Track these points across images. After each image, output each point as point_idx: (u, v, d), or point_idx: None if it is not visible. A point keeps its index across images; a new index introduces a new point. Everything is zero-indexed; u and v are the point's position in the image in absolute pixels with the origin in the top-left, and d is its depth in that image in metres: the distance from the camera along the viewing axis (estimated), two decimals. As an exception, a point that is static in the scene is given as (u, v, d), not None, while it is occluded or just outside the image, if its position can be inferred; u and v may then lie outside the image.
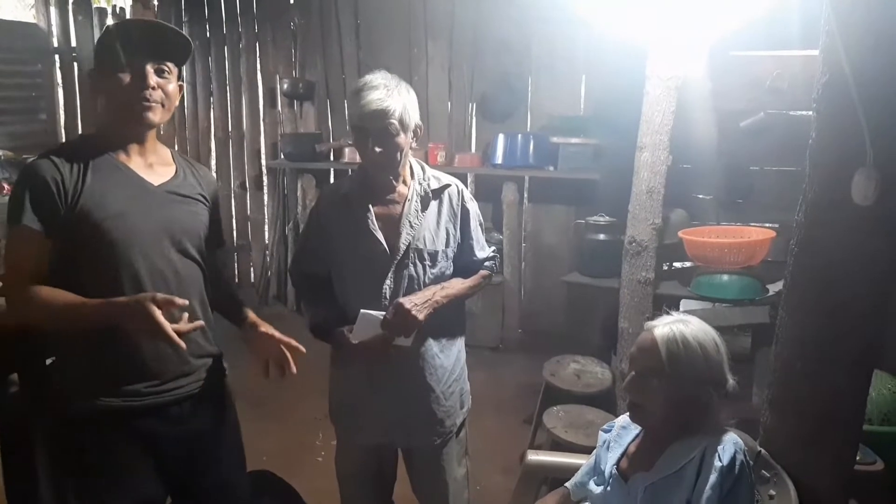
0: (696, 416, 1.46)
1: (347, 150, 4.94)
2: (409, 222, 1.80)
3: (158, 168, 1.60)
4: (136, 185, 1.53)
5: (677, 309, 2.81)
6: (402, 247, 1.79)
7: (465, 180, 4.24)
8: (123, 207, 1.49)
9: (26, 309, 1.46)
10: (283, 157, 5.20)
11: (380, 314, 1.73)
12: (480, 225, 1.96)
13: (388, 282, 1.79)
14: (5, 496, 2.03)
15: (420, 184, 1.85)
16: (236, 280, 5.67)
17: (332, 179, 5.22)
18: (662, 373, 1.43)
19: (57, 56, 5.18)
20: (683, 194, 3.49)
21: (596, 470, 1.68)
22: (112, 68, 1.47)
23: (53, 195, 1.43)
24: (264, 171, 5.51)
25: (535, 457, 2.10)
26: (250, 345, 1.71)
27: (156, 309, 1.33)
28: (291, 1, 5.16)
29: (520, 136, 4.49)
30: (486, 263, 1.95)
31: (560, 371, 3.13)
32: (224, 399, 1.76)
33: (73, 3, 5.10)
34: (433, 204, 1.85)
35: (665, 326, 1.47)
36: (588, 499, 1.68)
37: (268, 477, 2.29)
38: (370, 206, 1.81)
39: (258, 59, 5.36)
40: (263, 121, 5.46)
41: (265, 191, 5.52)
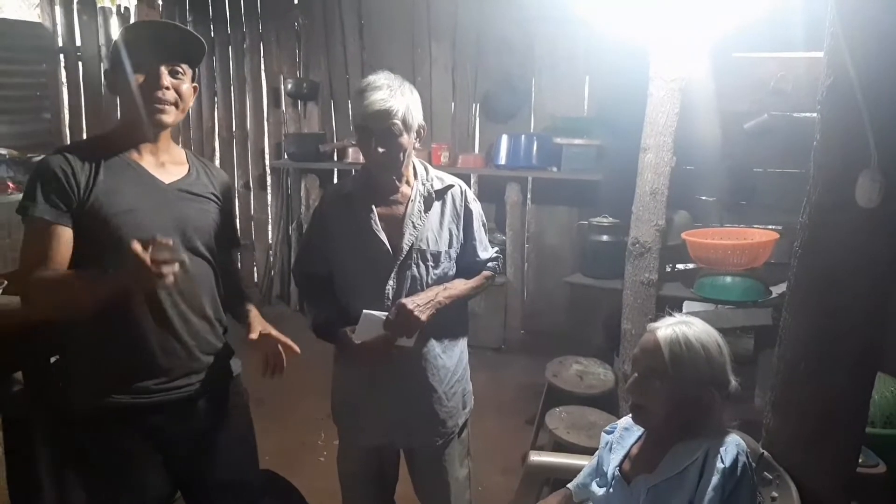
0: (699, 417, 1.46)
1: (351, 150, 4.94)
2: (413, 223, 1.80)
3: (171, 167, 1.61)
4: (148, 182, 1.54)
5: (680, 310, 2.82)
6: (405, 247, 1.79)
7: (468, 181, 4.23)
8: (134, 204, 1.50)
9: (42, 298, 1.44)
10: (286, 157, 5.21)
11: (382, 314, 1.73)
12: (483, 226, 1.96)
13: (390, 282, 1.79)
14: (9, 495, 2.03)
15: (423, 184, 1.85)
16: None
17: (335, 180, 5.23)
18: (665, 374, 1.43)
19: (61, 55, 5.21)
20: (687, 196, 3.48)
21: (598, 471, 1.68)
22: (126, 69, 1.48)
23: (65, 188, 1.44)
24: (268, 170, 5.52)
25: (537, 457, 2.10)
26: (249, 342, 1.71)
27: (137, 244, 1.27)
28: (295, 1, 5.17)
29: (523, 136, 4.49)
30: (490, 264, 1.95)
31: (562, 372, 3.13)
32: (234, 397, 1.76)
33: (77, 2, 5.12)
34: (436, 204, 1.85)
35: (668, 328, 1.47)
36: (590, 500, 1.68)
37: (270, 476, 2.29)
38: (373, 207, 1.81)
39: (262, 59, 5.37)
40: (267, 121, 5.47)
41: (269, 191, 5.54)
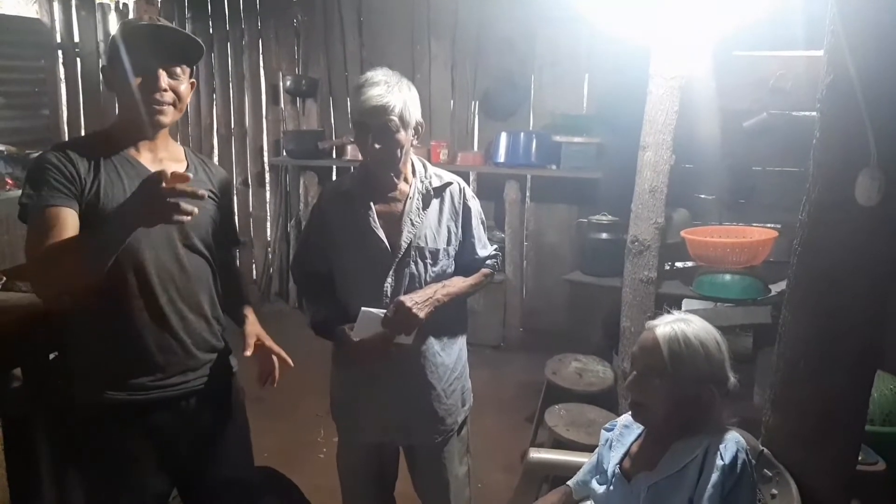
0: (699, 415, 1.46)
1: (350, 147, 4.94)
2: (411, 220, 1.80)
3: (169, 164, 1.60)
4: None
5: (679, 308, 2.82)
6: (404, 245, 1.79)
7: (467, 178, 4.24)
8: None
9: (53, 269, 1.37)
10: (285, 154, 5.20)
11: (381, 312, 1.73)
12: (482, 223, 1.95)
13: (389, 280, 1.79)
14: (8, 492, 2.03)
15: (422, 182, 1.85)
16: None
17: (334, 177, 5.21)
18: (664, 372, 1.43)
19: (60, 52, 5.19)
20: (686, 194, 3.49)
21: (598, 469, 1.68)
22: (125, 69, 1.48)
23: (69, 179, 1.44)
24: (267, 168, 5.51)
25: (536, 455, 2.10)
26: (245, 348, 1.72)
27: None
28: (294, -2, 5.17)
29: (522, 134, 4.49)
30: (488, 262, 1.95)
31: (562, 370, 3.13)
32: (231, 395, 1.76)
33: (76, -2, 5.11)
34: (435, 202, 1.85)
35: (667, 325, 1.47)
36: (590, 498, 1.68)
37: (269, 473, 2.30)
38: (371, 204, 1.81)
39: (261, 55, 5.35)
40: (266, 118, 5.45)
41: (267, 188, 5.52)
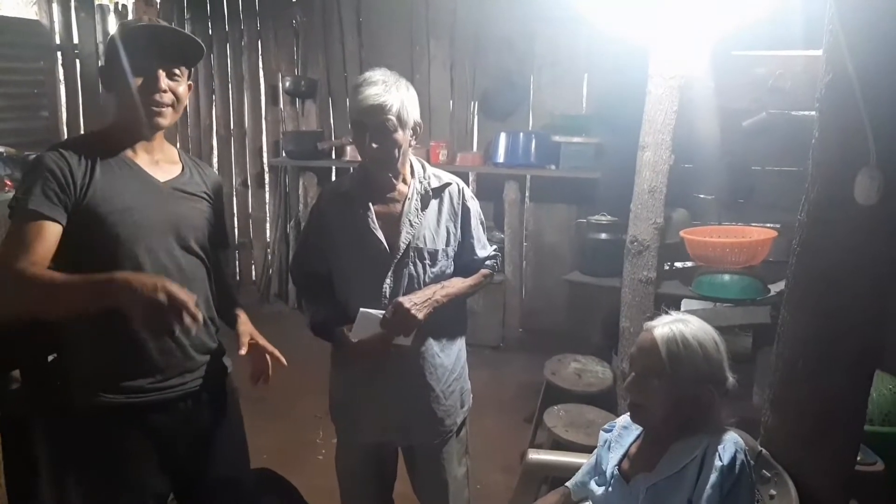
0: (697, 415, 1.46)
1: (349, 148, 4.94)
2: (410, 221, 1.80)
3: (165, 165, 1.61)
4: (143, 181, 1.54)
5: (678, 308, 2.82)
6: (402, 245, 1.79)
7: (466, 179, 4.23)
8: (130, 203, 1.49)
9: (25, 293, 1.36)
10: (284, 154, 5.20)
11: (379, 313, 1.73)
12: (481, 223, 1.95)
13: (388, 281, 1.79)
14: (6, 493, 2.03)
15: (420, 182, 1.85)
16: (237, 278, 5.67)
17: (333, 177, 5.22)
18: (663, 373, 1.43)
19: (59, 53, 5.19)
20: (685, 194, 3.48)
21: (597, 470, 1.68)
22: (124, 71, 1.47)
23: (62, 185, 1.43)
24: (266, 168, 5.51)
25: (535, 456, 2.10)
26: (240, 347, 1.72)
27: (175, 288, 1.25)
28: (294, -1, 5.17)
29: (521, 134, 4.49)
30: (488, 262, 1.94)
31: (561, 370, 3.13)
32: (227, 396, 1.76)
33: (75, 0, 5.11)
34: (433, 203, 1.85)
35: (665, 326, 1.47)
36: (589, 499, 1.68)
37: (268, 474, 2.29)
38: (370, 205, 1.81)
39: (260, 56, 5.35)
40: (265, 118, 5.45)
41: (267, 189, 5.52)
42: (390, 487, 2.09)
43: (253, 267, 5.68)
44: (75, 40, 5.18)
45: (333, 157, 5.16)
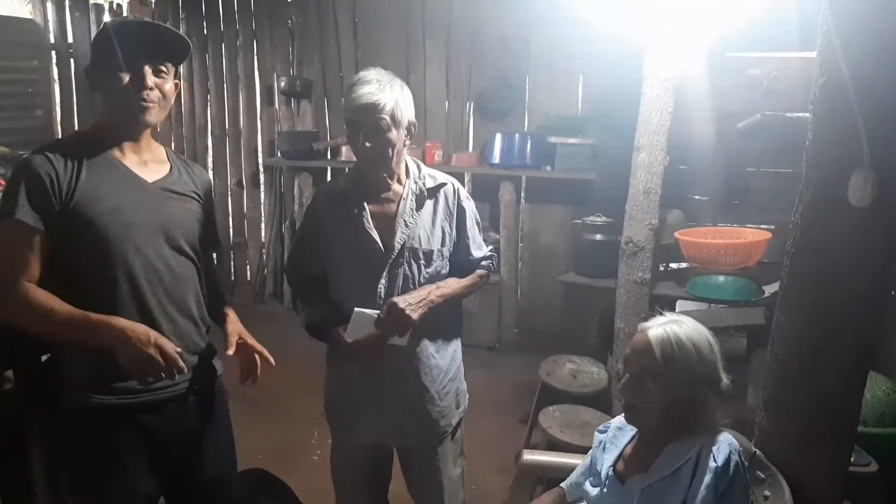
0: (692, 416, 1.46)
1: (344, 148, 4.93)
2: (405, 221, 1.80)
3: (153, 165, 1.60)
4: (132, 181, 1.53)
5: (672, 309, 2.82)
6: (397, 246, 1.78)
7: (462, 179, 4.23)
8: (118, 203, 1.48)
9: (12, 306, 1.43)
10: (280, 154, 5.19)
11: (374, 312, 1.73)
12: (477, 224, 1.95)
13: (382, 281, 1.79)
14: (0, 494, 2.02)
15: (415, 182, 1.84)
16: (232, 278, 5.66)
17: (329, 178, 5.21)
18: (658, 374, 1.43)
19: (53, 52, 5.18)
20: (680, 195, 3.49)
21: (592, 471, 1.68)
22: (110, 68, 1.47)
23: (48, 190, 1.42)
24: (261, 168, 5.50)
25: (530, 456, 2.10)
26: (228, 347, 1.72)
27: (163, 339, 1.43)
28: (289, -1, 5.16)
29: (517, 135, 4.49)
30: (483, 263, 1.94)
31: (556, 371, 3.13)
32: (217, 397, 1.76)
33: (69, -2, 5.10)
34: (429, 203, 1.85)
35: (659, 327, 1.47)
36: (584, 500, 1.68)
37: (262, 475, 2.29)
38: (365, 205, 1.80)
39: (255, 56, 5.34)
40: (260, 118, 5.44)
41: (262, 189, 5.51)
42: (385, 488, 2.09)
43: (248, 267, 5.66)
44: (70, 39, 5.17)
45: (329, 157, 5.15)
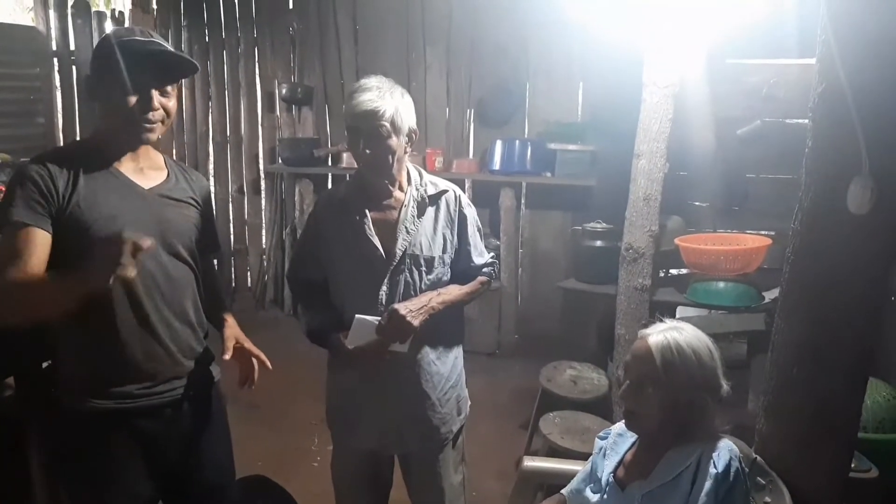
0: (692, 422, 1.46)
1: (345, 154, 4.95)
2: (406, 228, 1.80)
3: (150, 172, 1.61)
4: (128, 188, 1.54)
5: (673, 316, 2.83)
6: (399, 252, 1.79)
7: (462, 186, 4.23)
8: (115, 210, 1.49)
9: (14, 298, 1.39)
10: (281, 161, 5.20)
11: (375, 319, 1.73)
12: (479, 231, 1.95)
13: (384, 287, 1.79)
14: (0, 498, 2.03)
15: (417, 189, 1.85)
16: (233, 284, 5.66)
17: (329, 184, 5.22)
18: (658, 380, 1.43)
19: (55, 59, 5.19)
20: (680, 201, 3.50)
21: (592, 477, 1.68)
22: (115, 85, 1.46)
23: (45, 196, 1.43)
24: (262, 175, 5.51)
25: (531, 463, 2.10)
26: (225, 352, 1.73)
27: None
28: (290, 6, 5.17)
29: (517, 142, 4.50)
30: (485, 270, 1.94)
31: (556, 377, 3.13)
32: (214, 402, 1.77)
33: (71, 6, 5.11)
34: (430, 210, 1.85)
35: (659, 334, 1.48)
36: (584, 505, 1.68)
37: (262, 481, 2.29)
38: (367, 212, 1.81)
39: (257, 63, 5.36)
40: (262, 125, 5.46)
41: (263, 195, 5.52)
42: (386, 495, 2.08)
43: (248, 273, 5.67)
44: (72, 47, 5.18)
45: (329, 163, 5.15)
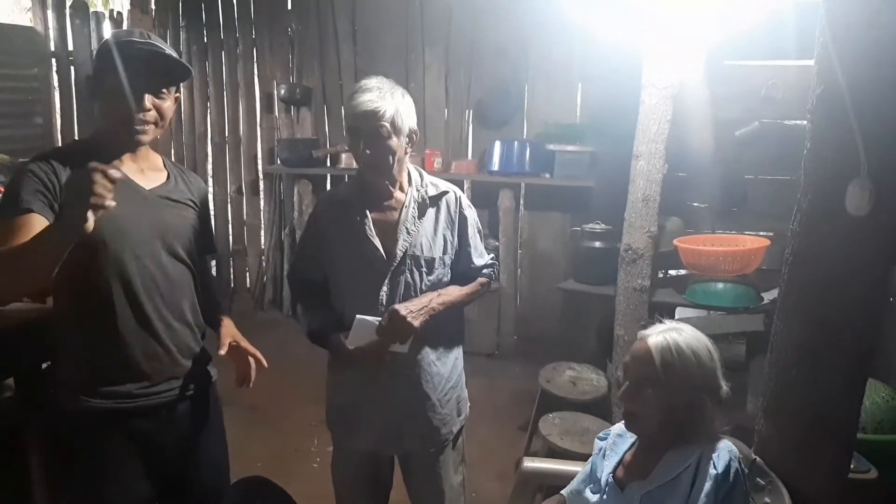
0: (691, 423, 1.46)
1: (344, 155, 4.95)
2: (406, 229, 1.80)
3: (150, 173, 1.62)
4: (128, 188, 1.54)
5: (672, 317, 2.83)
6: (399, 253, 1.79)
7: (461, 187, 4.24)
8: (115, 210, 1.49)
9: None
10: (279, 162, 5.20)
11: (375, 320, 1.73)
12: (479, 232, 1.96)
13: (384, 288, 1.79)
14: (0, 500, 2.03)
15: (418, 190, 1.85)
16: (231, 285, 5.66)
17: (328, 185, 5.23)
18: (657, 381, 1.44)
19: (54, 60, 5.18)
20: (679, 202, 3.51)
21: (592, 478, 1.68)
22: (110, 85, 1.48)
23: (48, 188, 1.43)
24: (261, 176, 5.51)
25: (530, 464, 2.10)
26: (220, 347, 1.74)
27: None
28: (289, 7, 5.17)
29: (516, 143, 4.51)
30: (485, 271, 1.95)
31: (556, 378, 3.13)
32: (211, 403, 1.78)
33: (70, 6, 5.11)
34: (431, 211, 1.85)
35: (658, 335, 1.48)
36: (583, 506, 1.68)
37: (262, 482, 2.29)
38: (367, 213, 1.81)
39: (255, 64, 5.36)
40: (260, 126, 5.46)
41: (261, 196, 5.52)
42: (386, 496, 2.08)
43: (247, 274, 5.67)
44: (70, 47, 5.18)
45: (328, 164, 5.16)
